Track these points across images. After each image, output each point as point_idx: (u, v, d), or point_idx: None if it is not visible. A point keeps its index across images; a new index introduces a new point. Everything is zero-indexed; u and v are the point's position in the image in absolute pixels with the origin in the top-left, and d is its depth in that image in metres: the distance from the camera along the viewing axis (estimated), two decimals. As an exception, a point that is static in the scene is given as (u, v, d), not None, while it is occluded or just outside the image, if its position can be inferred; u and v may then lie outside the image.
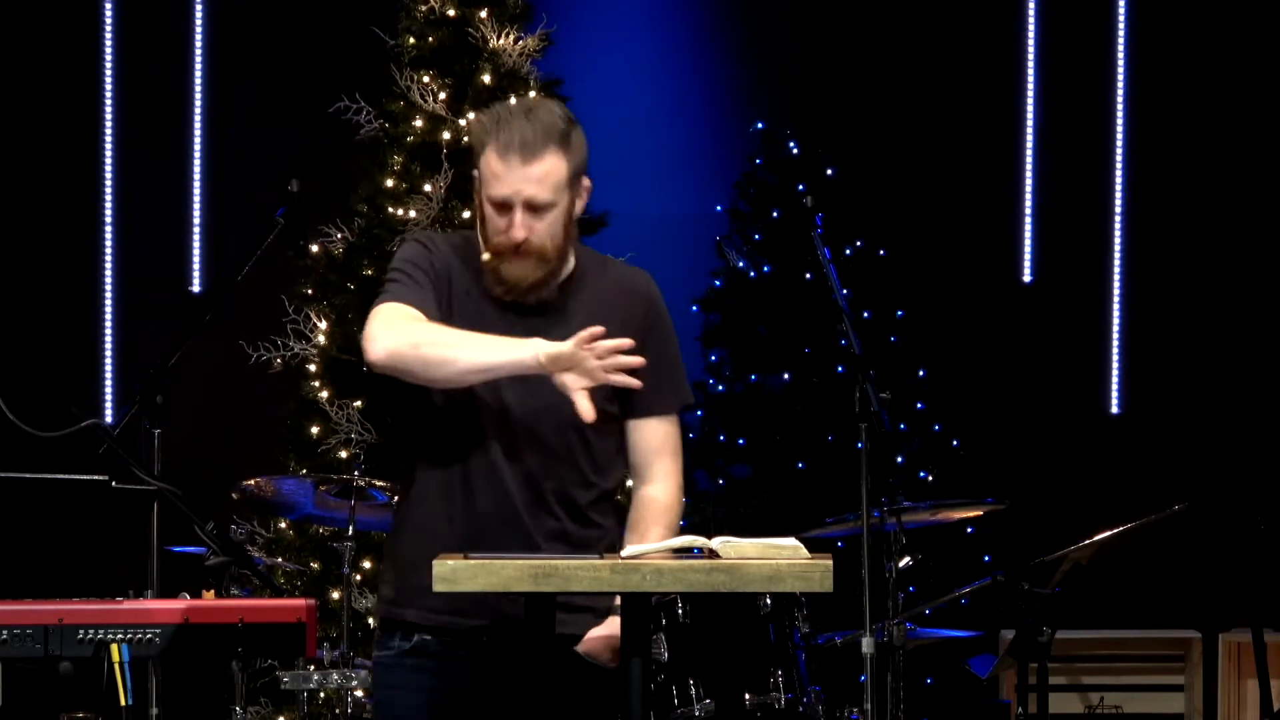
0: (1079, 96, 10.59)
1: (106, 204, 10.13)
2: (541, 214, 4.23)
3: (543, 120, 4.24)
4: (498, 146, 4.22)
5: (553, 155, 4.22)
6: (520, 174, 4.21)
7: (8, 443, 4.53)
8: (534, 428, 4.28)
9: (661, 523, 4.39)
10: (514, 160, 4.21)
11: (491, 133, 4.24)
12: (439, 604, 4.27)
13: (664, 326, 4.39)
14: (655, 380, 4.31)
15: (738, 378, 10.01)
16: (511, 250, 4.24)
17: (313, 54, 10.02)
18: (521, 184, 4.21)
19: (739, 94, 10.50)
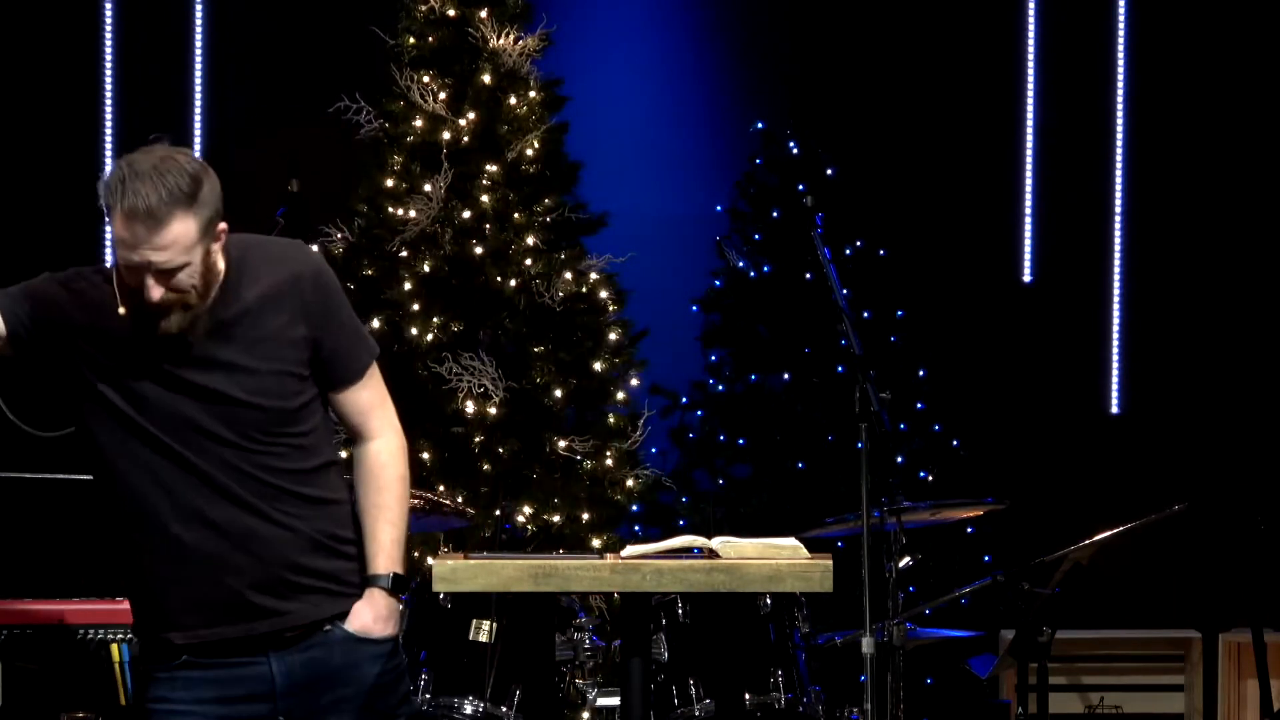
0: (1079, 96, 10.59)
1: (107, 204, 10.13)
2: (171, 276, 4.12)
3: (168, 183, 4.12)
4: (123, 213, 4.12)
5: (180, 220, 4.11)
6: (147, 244, 4.10)
7: (8, 443, 4.53)
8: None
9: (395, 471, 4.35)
10: (139, 230, 4.10)
11: (116, 196, 4.15)
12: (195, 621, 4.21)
13: (333, 294, 4.32)
14: (346, 347, 4.30)
15: (738, 378, 10.01)
16: (150, 307, 4.12)
17: (313, 54, 10.02)
18: (149, 253, 4.11)
19: (739, 94, 10.50)
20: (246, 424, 4.19)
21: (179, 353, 4.17)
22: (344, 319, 4.33)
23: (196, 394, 4.17)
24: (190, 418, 4.16)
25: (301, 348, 4.25)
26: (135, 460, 4.17)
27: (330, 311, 4.30)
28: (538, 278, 8.74)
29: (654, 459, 9.23)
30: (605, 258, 8.94)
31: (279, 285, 4.25)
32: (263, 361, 4.20)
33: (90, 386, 4.18)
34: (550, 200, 8.90)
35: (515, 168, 8.86)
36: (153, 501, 4.18)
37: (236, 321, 4.20)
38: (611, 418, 8.88)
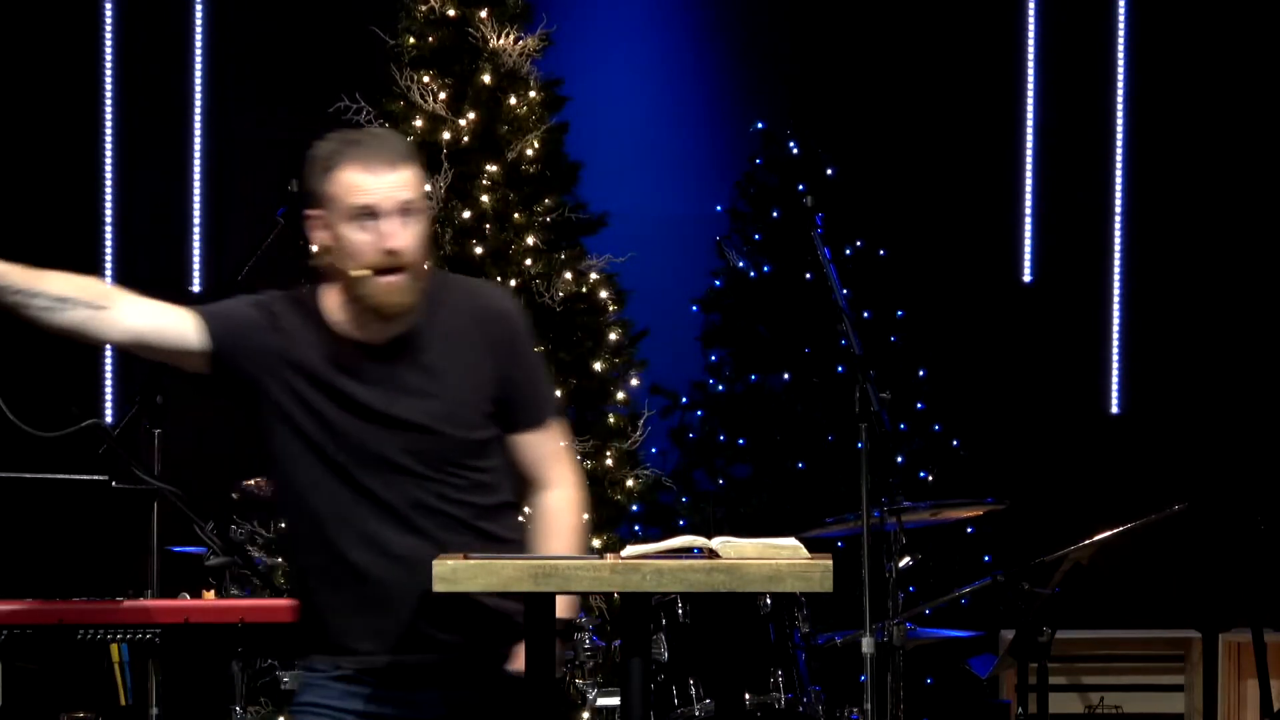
0: (1079, 96, 10.59)
1: (106, 204, 10.14)
2: (411, 219, 4.16)
3: (392, 140, 4.23)
4: (359, 159, 4.14)
5: (413, 168, 4.18)
6: (389, 179, 4.14)
7: (8, 443, 4.53)
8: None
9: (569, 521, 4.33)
10: (380, 168, 4.14)
11: (343, 152, 4.16)
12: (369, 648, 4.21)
13: (527, 341, 4.34)
14: (532, 391, 4.30)
15: (738, 378, 10.01)
16: (385, 262, 4.14)
17: (313, 54, 10.02)
18: (392, 189, 4.14)
19: (739, 94, 10.50)
20: (432, 453, 4.19)
21: (369, 376, 4.19)
22: (532, 363, 4.34)
23: (384, 421, 4.18)
24: (377, 446, 4.18)
25: (488, 383, 4.24)
26: (318, 485, 4.19)
27: (520, 353, 4.30)
28: (538, 278, 8.74)
29: (654, 459, 9.24)
30: (605, 258, 8.94)
31: (473, 316, 4.26)
32: (452, 390, 4.21)
33: (278, 409, 4.20)
34: (550, 200, 8.90)
35: (515, 168, 8.86)
36: (334, 527, 4.19)
37: (429, 346, 4.22)
38: (611, 418, 8.88)
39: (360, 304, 4.19)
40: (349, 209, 4.14)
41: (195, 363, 4.23)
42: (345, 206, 4.15)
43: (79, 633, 4.50)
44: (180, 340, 4.21)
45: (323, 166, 4.18)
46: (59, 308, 4.27)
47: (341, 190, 4.15)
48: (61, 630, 4.51)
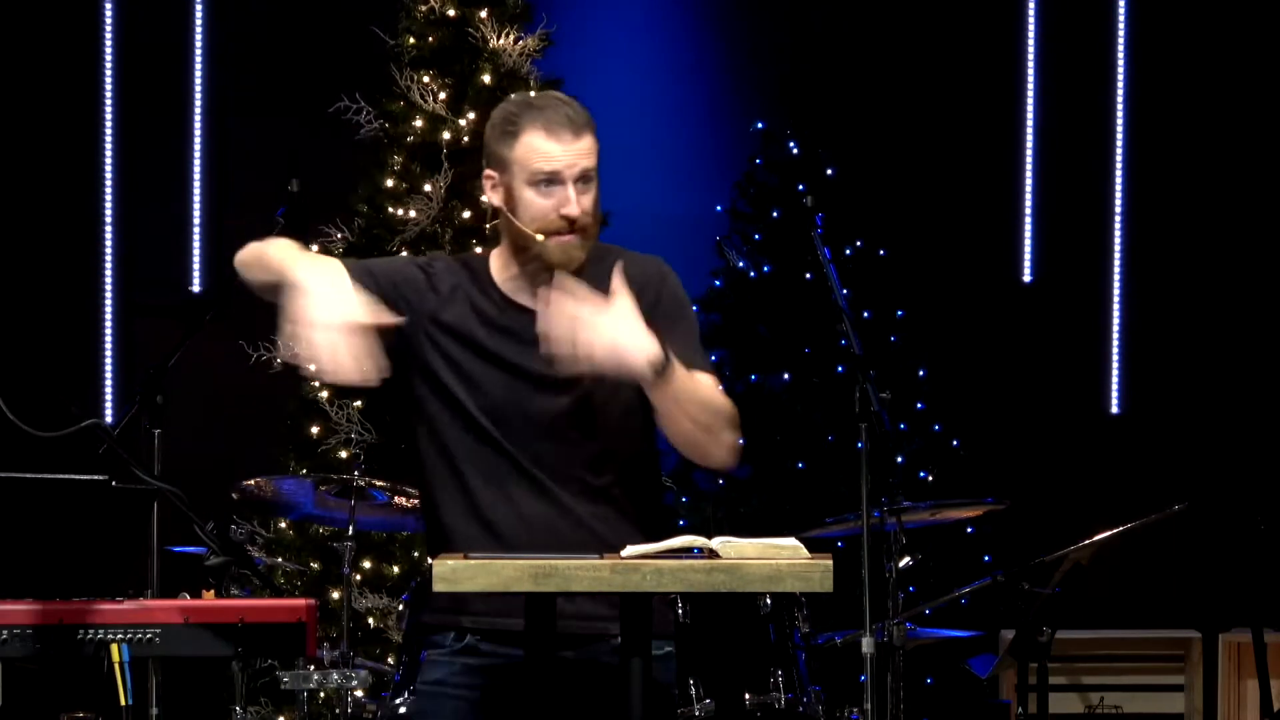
0: (1079, 96, 10.60)
1: (106, 204, 10.14)
2: (589, 188, 4.24)
3: (574, 106, 4.26)
4: (543, 125, 4.19)
5: (591, 135, 4.24)
6: (573, 148, 4.20)
7: (8, 443, 4.53)
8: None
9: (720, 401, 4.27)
10: (564, 134, 4.19)
11: (527, 116, 4.21)
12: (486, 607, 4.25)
13: (679, 304, 4.37)
14: (684, 349, 4.28)
15: (738, 378, 10.01)
16: (562, 226, 4.21)
17: (313, 53, 10.02)
18: (575, 158, 4.20)
19: (739, 94, 10.50)
20: (579, 417, 4.22)
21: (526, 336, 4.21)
22: (688, 326, 4.36)
23: (535, 381, 4.21)
24: (522, 407, 4.21)
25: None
26: (460, 443, 4.23)
27: (678, 314, 4.34)
28: (538, 278, 8.73)
29: (654, 459, 9.23)
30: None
31: (637, 279, 4.26)
32: None
33: (426, 368, 4.25)
34: (550, 200, 8.89)
35: (515, 168, 8.85)
36: (472, 486, 4.24)
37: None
38: (612, 418, 8.87)
39: (530, 263, 4.25)
40: (531, 173, 4.20)
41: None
42: (528, 171, 4.21)
43: (79, 633, 4.50)
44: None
45: (505, 129, 4.23)
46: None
47: (524, 154, 4.21)
48: (61, 630, 4.51)
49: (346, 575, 7.25)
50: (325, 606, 8.15)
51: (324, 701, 8.13)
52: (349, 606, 7.24)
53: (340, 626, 7.29)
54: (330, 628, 7.96)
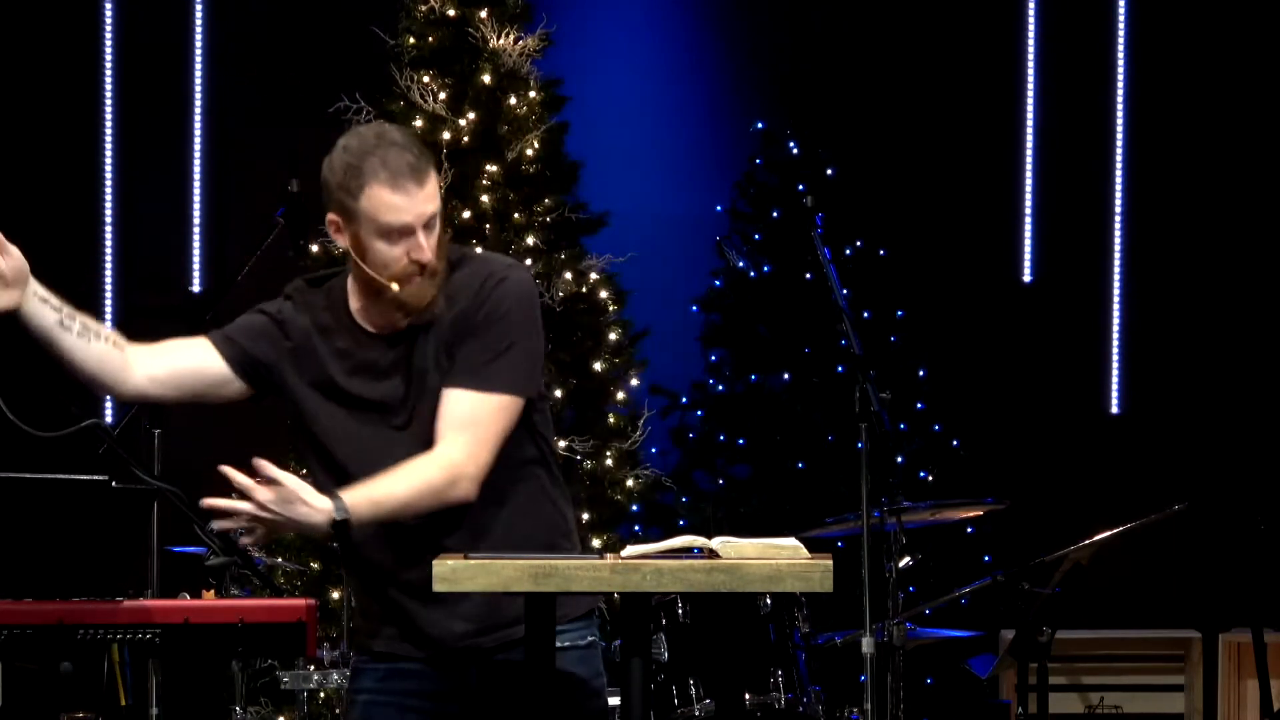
0: (1079, 96, 10.59)
1: (106, 204, 10.14)
2: (432, 229, 4.21)
3: (406, 141, 4.22)
4: (387, 178, 4.16)
5: (432, 173, 4.21)
6: (419, 197, 4.17)
7: (8, 443, 4.53)
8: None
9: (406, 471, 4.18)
10: (410, 186, 4.16)
11: (369, 168, 4.18)
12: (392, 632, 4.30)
13: (495, 312, 4.25)
14: (479, 352, 4.23)
15: (738, 378, 10.01)
16: (414, 272, 4.18)
17: (313, 54, 10.02)
18: (422, 205, 4.17)
19: (739, 94, 10.50)
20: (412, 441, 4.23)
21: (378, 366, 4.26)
22: (497, 331, 4.24)
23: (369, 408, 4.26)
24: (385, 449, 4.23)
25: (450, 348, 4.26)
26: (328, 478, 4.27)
27: (488, 319, 4.25)
28: (538, 278, 8.74)
29: (654, 459, 9.24)
30: (605, 258, 8.94)
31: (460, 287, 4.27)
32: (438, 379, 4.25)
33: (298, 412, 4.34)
34: (550, 200, 8.91)
35: (515, 168, 8.86)
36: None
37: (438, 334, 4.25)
38: (611, 418, 8.88)
39: (384, 302, 4.24)
40: (379, 226, 4.19)
41: (234, 388, 4.38)
42: (376, 224, 4.19)
43: (79, 633, 4.50)
44: (204, 372, 4.35)
45: (347, 182, 4.21)
46: (91, 336, 4.31)
47: (370, 208, 4.19)
48: (61, 630, 4.51)
49: (346, 575, 7.24)
50: (325, 606, 8.16)
51: (324, 701, 8.13)
52: (349, 606, 7.23)
53: (340, 626, 7.30)
54: (330, 628, 7.97)
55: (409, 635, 4.30)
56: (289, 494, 4.10)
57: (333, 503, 4.10)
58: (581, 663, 4.36)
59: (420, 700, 4.33)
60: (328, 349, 4.31)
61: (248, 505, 4.10)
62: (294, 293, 4.39)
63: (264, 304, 4.39)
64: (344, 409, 4.28)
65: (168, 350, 4.38)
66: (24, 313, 4.24)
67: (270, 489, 4.10)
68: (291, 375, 4.33)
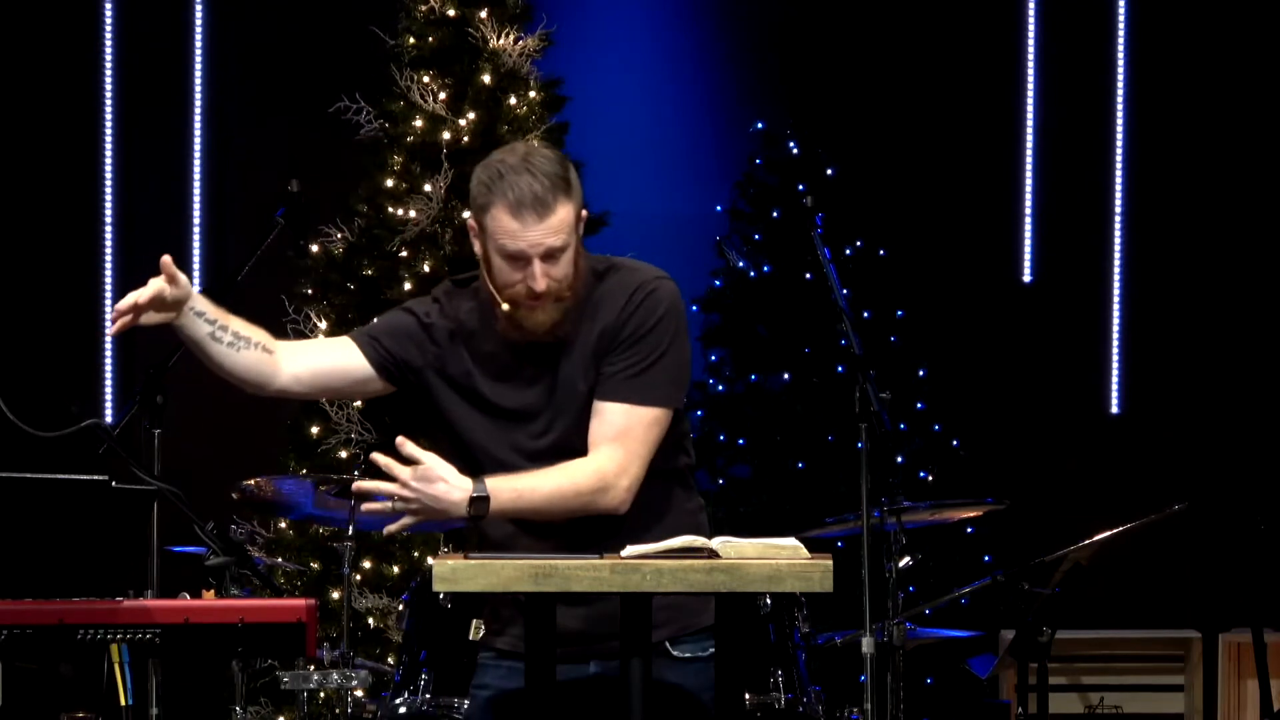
0: (1079, 96, 10.59)
1: (106, 204, 10.14)
2: (557, 259, 4.23)
3: (545, 170, 4.22)
4: (508, 204, 4.20)
5: (562, 204, 4.22)
6: (537, 230, 4.20)
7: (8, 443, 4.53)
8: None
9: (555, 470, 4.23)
10: (529, 217, 4.20)
11: (497, 190, 4.22)
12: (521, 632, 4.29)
13: (645, 324, 4.29)
14: (622, 371, 4.26)
15: (738, 378, 10.01)
16: (530, 299, 4.23)
17: (313, 54, 10.02)
18: (541, 238, 4.21)
19: (739, 94, 10.50)
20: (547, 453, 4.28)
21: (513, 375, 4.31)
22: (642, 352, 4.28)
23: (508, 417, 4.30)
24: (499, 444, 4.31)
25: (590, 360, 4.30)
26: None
27: (633, 339, 4.28)
28: (538, 278, 8.74)
29: (654, 459, 9.23)
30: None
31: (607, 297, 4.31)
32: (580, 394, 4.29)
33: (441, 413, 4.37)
34: (550, 200, 8.89)
35: (515, 168, 8.85)
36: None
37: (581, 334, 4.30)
38: (611, 418, 8.87)
39: (510, 323, 4.29)
40: (499, 246, 4.24)
41: (374, 386, 4.42)
42: (495, 244, 4.24)
43: (79, 633, 4.50)
44: (347, 371, 4.40)
45: (479, 197, 4.25)
46: (241, 345, 4.39)
47: (493, 227, 4.24)
48: (61, 630, 4.51)
49: (346, 575, 7.24)
50: (325, 606, 8.15)
51: (324, 701, 8.12)
52: (349, 606, 7.23)
53: (340, 626, 7.29)
54: (330, 628, 7.96)
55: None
56: (429, 472, 4.15)
57: (473, 482, 4.15)
58: (698, 676, 4.33)
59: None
60: (473, 354, 4.35)
61: (392, 485, 4.13)
62: (441, 295, 4.44)
63: (412, 303, 4.46)
64: (484, 415, 4.32)
65: (313, 350, 4.46)
66: (178, 325, 4.40)
67: (412, 468, 4.14)
68: (435, 379, 4.37)
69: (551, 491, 4.19)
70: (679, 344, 4.32)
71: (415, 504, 4.14)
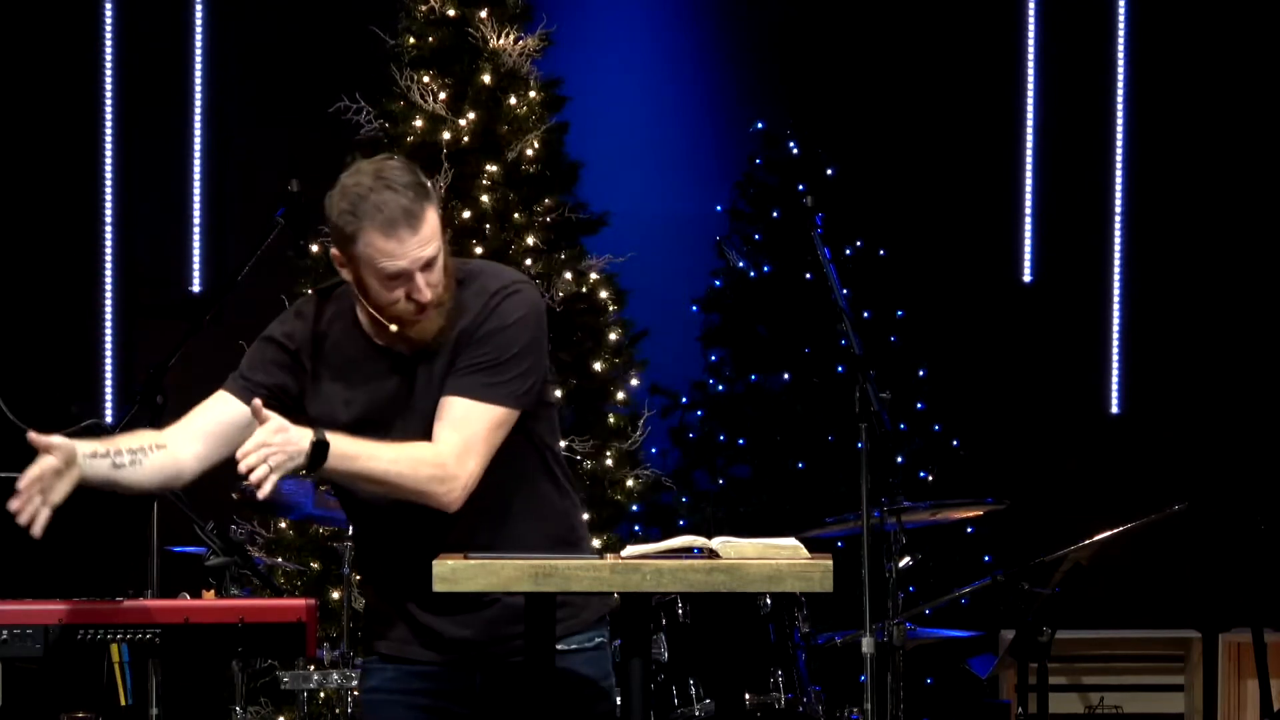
0: (1079, 96, 10.59)
1: (106, 204, 10.14)
2: (433, 267, 4.21)
3: (403, 182, 4.17)
4: (378, 226, 4.15)
5: (429, 211, 4.19)
6: (412, 243, 4.16)
7: (8, 443, 4.53)
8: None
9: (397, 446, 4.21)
10: (404, 233, 4.15)
11: (364, 214, 4.16)
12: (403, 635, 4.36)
13: (499, 325, 4.28)
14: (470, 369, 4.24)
15: (738, 378, 10.01)
16: (417, 313, 4.21)
17: (313, 54, 10.02)
18: (417, 251, 4.17)
19: (739, 94, 10.50)
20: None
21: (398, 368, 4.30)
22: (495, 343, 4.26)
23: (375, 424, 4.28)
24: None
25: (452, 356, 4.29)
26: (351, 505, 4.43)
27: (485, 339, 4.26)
28: (538, 278, 8.75)
29: (654, 459, 9.24)
30: (605, 258, 8.95)
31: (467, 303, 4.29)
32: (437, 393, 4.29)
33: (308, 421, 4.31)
34: (550, 200, 8.91)
35: (515, 168, 8.86)
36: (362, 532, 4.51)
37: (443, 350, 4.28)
38: (611, 418, 8.88)
39: (388, 332, 4.26)
40: (376, 271, 4.19)
41: None
42: (371, 269, 4.20)
43: (79, 633, 4.50)
44: (235, 422, 4.33)
45: (343, 226, 4.19)
46: (140, 457, 4.29)
47: (367, 254, 4.19)
48: (61, 630, 4.51)
49: (346, 575, 7.25)
50: (325, 606, 8.16)
51: (324, 701, 8.13)
52: (349, 606, 7.24)
53: (340, 626, 7.29)
54: (330, 628, 7.97)
55: (418, 638, 4.33)
56: (281, 422, 4.09)
57: (313, 430, 4.11)
58: (589, 664, 4.38)
59: (428, 699, 4.36)
60: (335, 361, 4.34)
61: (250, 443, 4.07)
62: (303, 307, 4.42)
63: (272, 329, 4.42)
64: (342, 421, 4.28)
65: (197, 421, 4.38)
66: (84, 478, 4.20)
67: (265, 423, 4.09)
68: (309, 389, 4.36)
69: (390, 461, 4.15)
70: (534, 348, 4.29)
71: (279, 455, 4.06)
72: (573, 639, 4.32)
